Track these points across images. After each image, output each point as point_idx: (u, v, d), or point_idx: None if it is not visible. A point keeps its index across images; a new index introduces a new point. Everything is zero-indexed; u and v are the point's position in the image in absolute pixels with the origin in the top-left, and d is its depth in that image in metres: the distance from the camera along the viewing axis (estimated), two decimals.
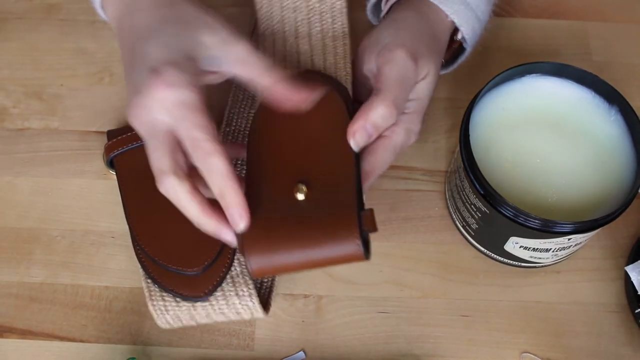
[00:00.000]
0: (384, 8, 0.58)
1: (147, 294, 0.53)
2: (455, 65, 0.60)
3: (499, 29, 0.71)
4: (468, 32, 0.56)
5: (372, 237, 0.61)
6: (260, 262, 0.45)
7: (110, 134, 0.62)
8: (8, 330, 0.57)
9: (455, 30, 0.57)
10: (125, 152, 0.60)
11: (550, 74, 0.57)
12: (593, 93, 0.56)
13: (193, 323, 0.54)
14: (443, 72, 0.60)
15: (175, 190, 0.45)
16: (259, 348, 0.57)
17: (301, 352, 0.57)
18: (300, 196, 0.46)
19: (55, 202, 0.62)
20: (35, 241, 0.61)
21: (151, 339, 0.57)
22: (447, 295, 0.59)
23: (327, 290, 0.59)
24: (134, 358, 0.56)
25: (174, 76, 0.44)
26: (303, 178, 0.47)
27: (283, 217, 0.46)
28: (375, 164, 0.50)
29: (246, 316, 0.54)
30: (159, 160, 0.45)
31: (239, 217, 0.44)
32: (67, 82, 0.67)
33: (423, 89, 0.52)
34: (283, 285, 0.59)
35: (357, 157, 0.48)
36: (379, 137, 0.50)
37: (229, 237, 0.46)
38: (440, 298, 0.59)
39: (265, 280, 0.58)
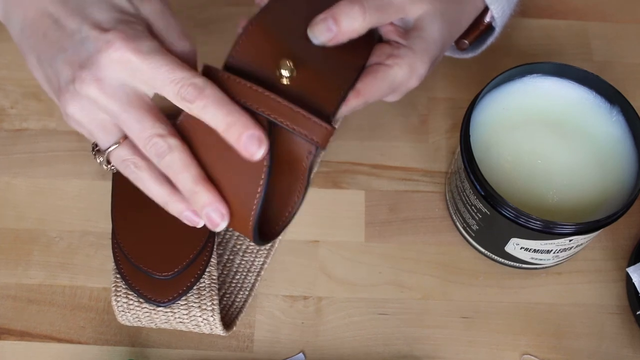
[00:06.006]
0: None
1: (112, 289, 0.53)
2: (483, 47, 0.58)
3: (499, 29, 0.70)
4: (498, 10, 0.54)
5: (372, 236, 0.61)
6: None
7: None
8: (6, 332, 0.57)
9: (483, 12, 0.55)
10: None
11: (551, 74, 0.57)
12: (594, 93, 0.56)
13: (153, 325, 0.54)
14: (470, 55, 0.59)
15: (179, 154, 0.42)
16: (259, 350, 0.56)
17: (301, 354, 0.56)
18: None
19: (54, 203, 0.62)
20: (34, 242, 0.60)
21: (150, 340, 0.57)
22: (447, 297, 0.59)
23: (327, 291, 0.59)
24: None
25: (130, 30, 0.41)
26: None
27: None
28: (368, 87, 0.48)
29: (205, 330, 0.54)
30: (154, 125, 0.42)
31: (255, 142, 0.42)
32: None
33: (426, 26, 0.50)
34: (282, 286, 0.59)
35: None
36: (380, 64, 0.48)
37: (224, 210, 0.43)
38: (440, 299, 0.59)
39: (238, 300, 0.57)
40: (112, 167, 0.46)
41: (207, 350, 0.56)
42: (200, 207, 0.43)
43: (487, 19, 0.56)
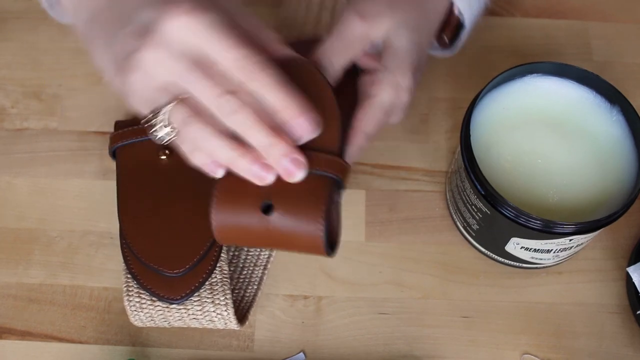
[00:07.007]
0: None
1: (124, 290, 0.53)
2: (459, 43, 0.58)
3: (500, 29, 0.70)
4: (464, 6, 0.55)
5: (373, 236, 0.61)
6: (222, 220, 0.44)
7: (118, 125, 0.61)
8: (7, 331, 0.57)
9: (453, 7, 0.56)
10: (128, 145, 0.59)
11: (551, 74, 0.57)
12: (594, 93, 0.56)
13: (166, 324, 0.54)
14: (448, 54, 0.59)
15: (248, 108, 0.42)
16: (259, 349, 0.57)
17: (301, 354, 0.56)
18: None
19: (54, 202, 0.62)
20: (34, 242, 0.60)
21: (150, 340, 0.57)
22: (447, 296, 0.59)
23: (327, 291, 0.59)
24: (133, 359, 0.56)
25: (195, 1, 0.41)
26: None
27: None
28: (362, 121, 0.49)
29: (220, 325, 0.54)
30: (217, 84, 0.41)
31: (311, 124, 0.42)
32: (66, 82, 0.67)
33: (394, 42, 0.50)
34: (283, 286, 0.59)
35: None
36: (366, 96, 0.50)
37: (302, 159, 0.43)
38: (440, 299, 0.59)
39: (247, 294, 0.57)
40: (170, 133, 0.44)
41: (207, 349, 0.56)
42: (277, 159, 0.42)
43: (455, 11, 0.56)
